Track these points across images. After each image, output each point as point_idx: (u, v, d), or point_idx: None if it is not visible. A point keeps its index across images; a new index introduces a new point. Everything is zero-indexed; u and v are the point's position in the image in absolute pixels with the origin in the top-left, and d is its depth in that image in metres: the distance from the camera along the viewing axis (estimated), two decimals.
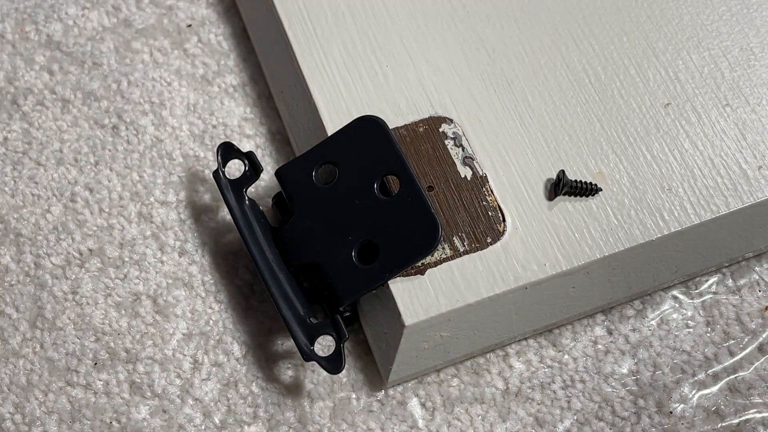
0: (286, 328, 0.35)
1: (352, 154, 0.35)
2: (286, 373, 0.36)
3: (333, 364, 0.34)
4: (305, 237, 0.35)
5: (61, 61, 0.42)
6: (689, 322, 0.37)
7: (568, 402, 0.36)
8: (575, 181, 0.35)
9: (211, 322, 0.37)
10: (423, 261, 0.34)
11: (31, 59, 0.42)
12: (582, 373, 0.36)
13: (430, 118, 0.37)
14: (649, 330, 0.37)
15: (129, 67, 0.42)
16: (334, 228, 0.35)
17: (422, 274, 0.34)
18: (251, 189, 0.38)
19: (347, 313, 0.36)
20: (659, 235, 0.35)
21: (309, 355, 0.34)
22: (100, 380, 0.36)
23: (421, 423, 0.35)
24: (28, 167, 0.40)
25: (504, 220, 0.35)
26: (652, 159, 0.36)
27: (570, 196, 0.35)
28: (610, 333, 0.37)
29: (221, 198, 0.39)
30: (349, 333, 0.35)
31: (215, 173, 0.37)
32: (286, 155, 0.40)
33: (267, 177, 0.39)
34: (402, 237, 0.34)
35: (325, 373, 0.36)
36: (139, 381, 0.36)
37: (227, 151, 0.38)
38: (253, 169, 0.37)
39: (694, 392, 0.36)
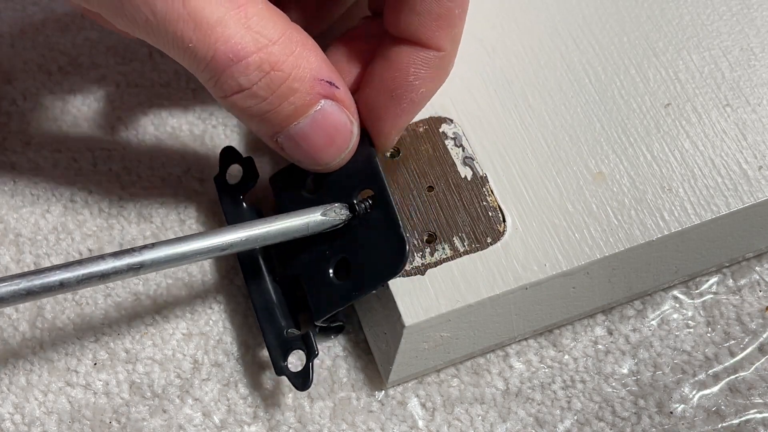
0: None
1: None
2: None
3: (300, 380, 0.33)
4: (290, 248, 0.35)
5: (60, 61, 0.42)
6: (690, 322, 0.37)
7: (569, 402, 0.36)
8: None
9: (210, 322, 0.37)
10: (423, 262, 0.34)
11: (29, 59, 0.42)
12: (582, 374, 0.36)
13: (430, 118, 0.37)
14: (650, 330, 0.37)
15: (127, 67, 0.42)
16: (315, 241, 0.34)
17: (422, 274, 0.34)
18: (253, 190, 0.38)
19: (326, 325, 0.35)
20: (659, 236, 0.35)
21: (280, 369, 0.34)
22: (100, 380, 0.36)
23: (421, 423, 0.35)
24: (26, 167, 0.40)
25: (504, 221, 0.35)
26: (652, 159, 0.36)
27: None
28: (610, 333, 0.37)
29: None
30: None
31: (216, 178, 0.37)
32: (285, 161, 0.40)
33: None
34: (371, 255, 0.33)
35: (325, 372, 0.36)
36: (138, 381, 0.36)
37: (228, 155, 0.38)
38: (251, 175, 0.37)
39: (694, 392, 0.36)
